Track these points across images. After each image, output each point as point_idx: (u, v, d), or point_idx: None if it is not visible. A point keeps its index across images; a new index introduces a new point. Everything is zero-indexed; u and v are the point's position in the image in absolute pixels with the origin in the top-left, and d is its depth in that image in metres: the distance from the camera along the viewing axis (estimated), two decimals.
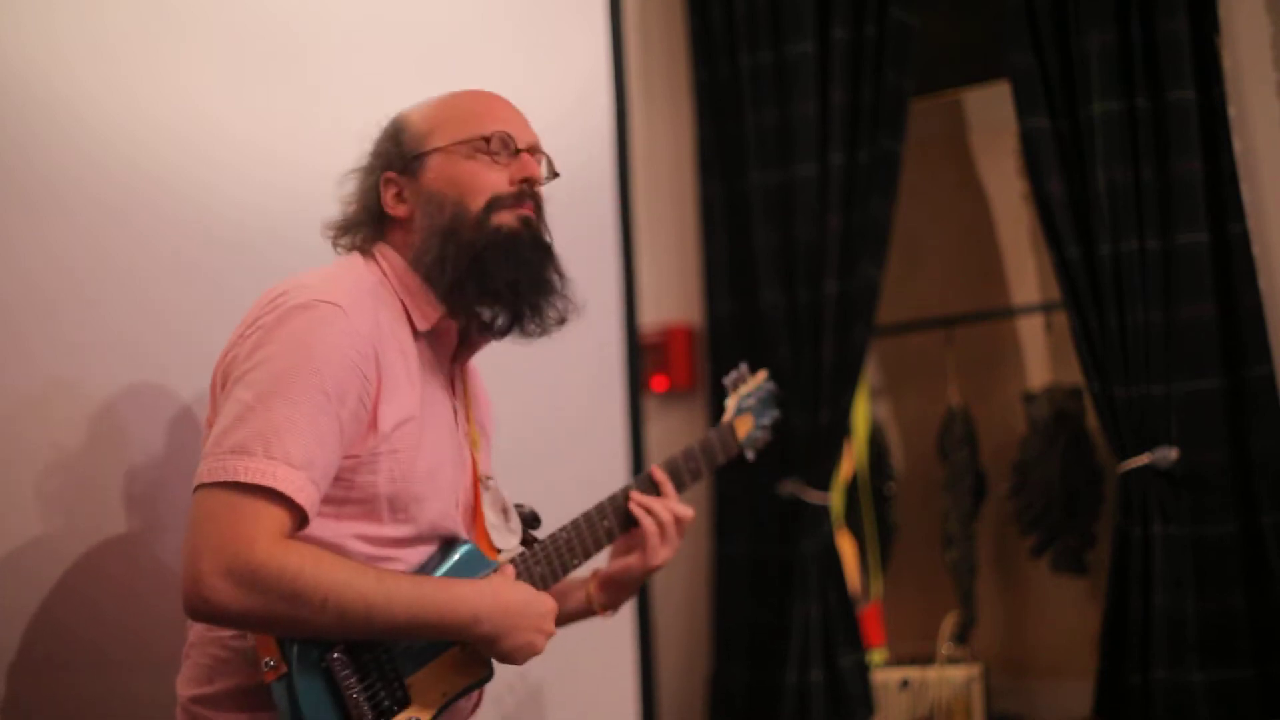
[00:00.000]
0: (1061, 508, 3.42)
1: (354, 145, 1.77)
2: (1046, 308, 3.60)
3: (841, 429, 3.19)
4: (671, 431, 3.39)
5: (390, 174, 1.70)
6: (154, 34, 2.02)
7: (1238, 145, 2.77)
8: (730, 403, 2.10)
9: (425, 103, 1.76)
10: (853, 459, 3.51)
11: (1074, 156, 2.89)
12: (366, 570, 1.47)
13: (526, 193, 1.68)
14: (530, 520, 1.80)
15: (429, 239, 1.64)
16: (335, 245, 1.75)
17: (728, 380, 2.14)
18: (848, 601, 3.15)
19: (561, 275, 1.70)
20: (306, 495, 1.43)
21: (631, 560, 1.86)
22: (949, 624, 3.52)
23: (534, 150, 1.72)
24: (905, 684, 3.43)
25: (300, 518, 1.44)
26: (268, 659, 1.46)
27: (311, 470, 1.44)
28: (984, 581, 3.63)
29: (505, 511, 1.77)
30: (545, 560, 1.73)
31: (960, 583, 3.55)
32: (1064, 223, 2.87)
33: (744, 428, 2.09)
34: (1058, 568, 3.45)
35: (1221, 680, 2.64)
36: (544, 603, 1.62)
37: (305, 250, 2.19)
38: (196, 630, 1.59)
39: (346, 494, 1.54)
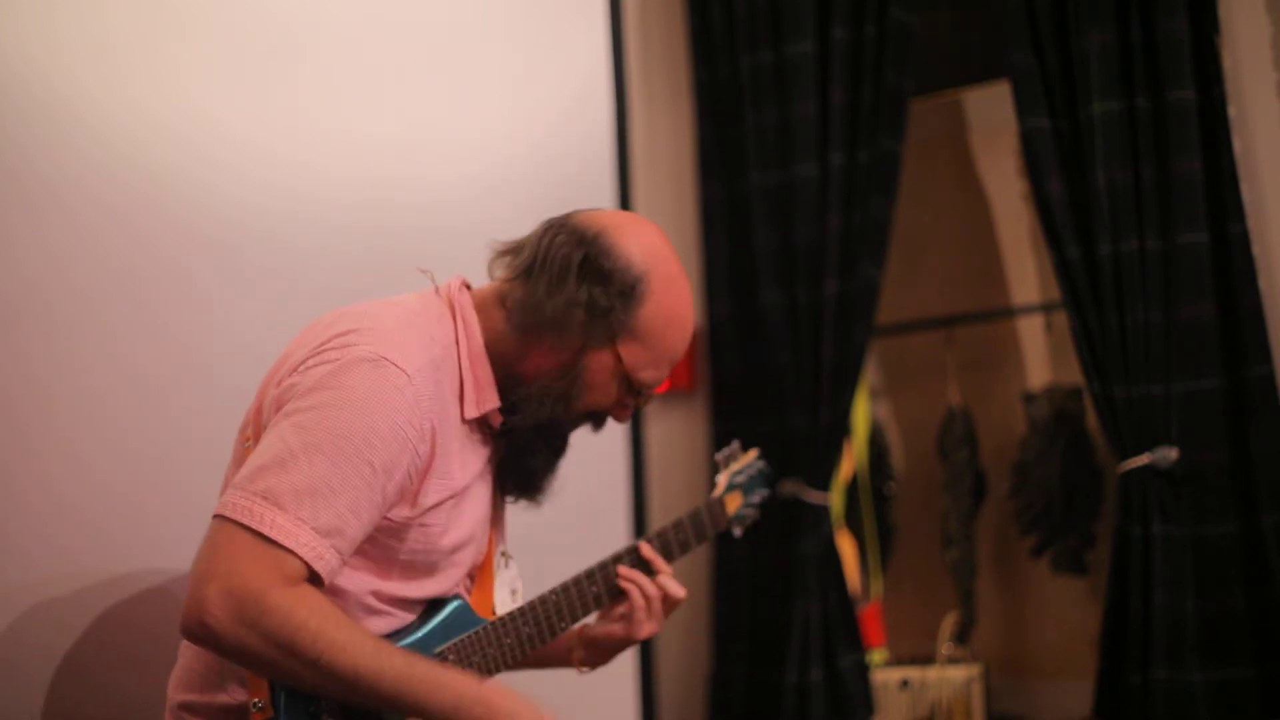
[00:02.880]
0: (1061, 508, 3.42)
1: (353, 146, 1.77)
2: (1046, 308, 3.60)
3: (841, 429, 3.19)
4: (672, 431, 3.38)
5: (576, 296, 1.60)
6: (154, 34, 2.02)
7: (1238, 145, 2.77)
8: (721, 479, 2.09)
9: (655, 282, 1.63)
10: (853, 459, 3.51)
11: (1074, 156, 2.89)
12: (366, 638, 1.45)
13: (619, 411, 1.73)
14: None
15: (534, 386, 1.63)
16: (493, 265, 1.70)
17: (719, 456, 2.13)
18: (848, 601, 3.15)
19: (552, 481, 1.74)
20: (325, 563, 1.42)
21: (615, 629, 1.87)
22: (949, 624, 3.52)
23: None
24: (905, 684, 3.43)
25: (315, 579, 1.43)
26: (256, 700, 1.45)
27: (336, 539, 1.43)
28: (984, 581, 3.63)
29: (515, 593, 1.78)
30: (534, 621, 1.73)
31: (960, 583, 3.55)
32: (1064, 223, 2.87)
33: (733, 504, 2.08)
34: (1058, 568, 3.45)
35: (1221, 680, 2.64)
36: (531, 713, 1.55)
37: (304, 251, 2.21)
38: None
39: (366, 548, 1.53)
